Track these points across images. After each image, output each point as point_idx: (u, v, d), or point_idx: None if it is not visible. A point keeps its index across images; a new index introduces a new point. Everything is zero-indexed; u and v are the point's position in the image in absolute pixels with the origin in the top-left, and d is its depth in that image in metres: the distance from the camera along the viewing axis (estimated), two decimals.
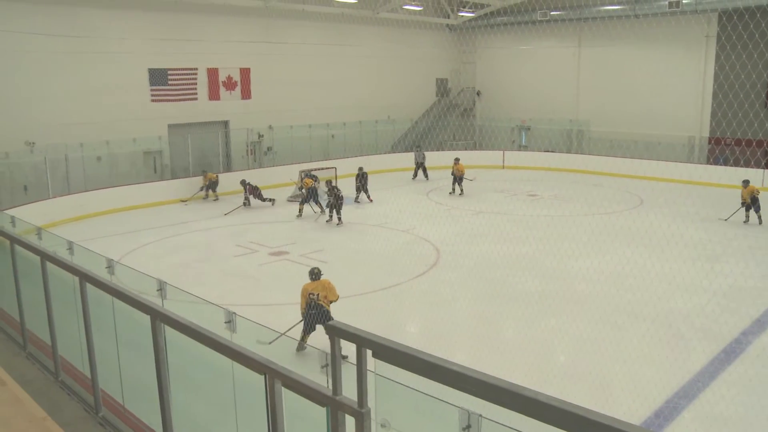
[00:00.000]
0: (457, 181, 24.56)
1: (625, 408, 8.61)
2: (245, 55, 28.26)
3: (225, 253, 17.08)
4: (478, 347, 10.87)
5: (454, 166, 24.71)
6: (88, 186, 22.76)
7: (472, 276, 14.90)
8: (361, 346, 2.89)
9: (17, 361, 6.51)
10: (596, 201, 22.63)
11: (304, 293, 10.19)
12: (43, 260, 6.06)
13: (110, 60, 23.99)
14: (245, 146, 28.54)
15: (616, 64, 31.36)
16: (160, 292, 8.38)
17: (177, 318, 4.10)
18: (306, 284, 10.28)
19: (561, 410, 2.26)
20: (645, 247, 15.91)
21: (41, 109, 22.21)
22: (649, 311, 12.20)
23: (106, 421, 5.37)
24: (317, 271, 10.47)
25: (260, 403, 3.54)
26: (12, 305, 7.25)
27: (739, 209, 19.36)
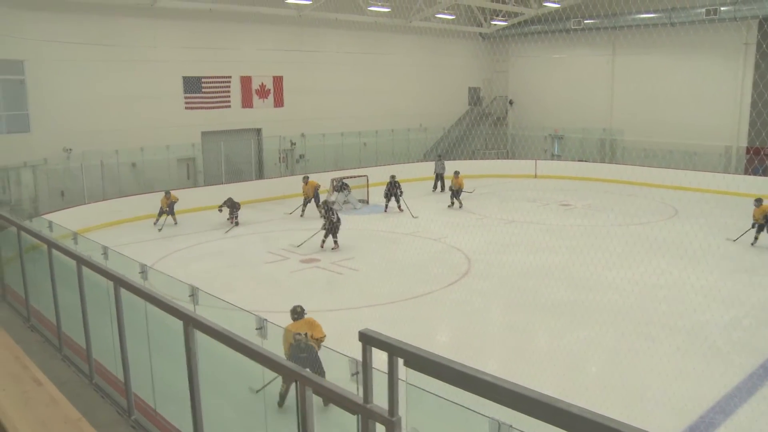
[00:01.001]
0: (455, 194, 24.03)
1: (659, 422, 8.47)
2: (278, 63, 28.48)
3: (256, 260, 17.18)
4: (509, 357, 10.79)
5: (453, 180, 24.14)
6: (122, 192, 23.10)
7: (504, 285, 14.79)
8: (393, 355, 2.88)
9: (53, 363, 6.61)
10: (630, 211, 22.35)
11: (287, 336, 8.45)
12: (79, 264, 6.15)
13: (145, 68, 24.36)
14: (277, 154, 28.73)
15: (651, 73, 30.96)
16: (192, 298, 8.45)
17: (209, 324, 4.13)
18: (288, 325, 8.80)
19: (594, 422, 2.23)
20: (680, 259, 15.66)
21: (78, 117, 22.62)
22: (684, 323, 11.99)
23: (139, 424, 5.42)
24: (300, 309, 9.22)
25: (290, 409, 3.54)
26: (49, 308, 7.37)
27: (749, 230, 18.06)
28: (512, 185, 29.23)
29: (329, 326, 11.84)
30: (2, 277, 8.83)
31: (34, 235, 7.59)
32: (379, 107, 32.14)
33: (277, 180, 27.15)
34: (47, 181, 21.58)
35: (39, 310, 7.96)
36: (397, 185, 23.31)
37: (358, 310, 13.23)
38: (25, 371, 5.75)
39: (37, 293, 7.97)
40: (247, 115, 27.74)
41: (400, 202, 23.19)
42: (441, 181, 27.83)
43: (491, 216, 22.32)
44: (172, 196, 21.84)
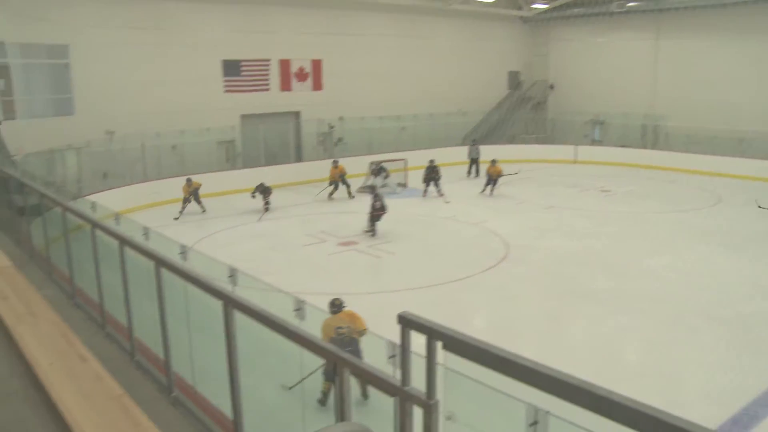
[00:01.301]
0: (492, 182, 23.27)
1: (700, 413, 8.33)
2: (317, 47, 28.50)
3: (294, 242, 17.31)
4: (545, 343, 10.71)
5: (490, 167, 23.44)
6: (162, 174, 23.41)
7: (542, 271, 14.67)
8: (431, 338, 2.87)
9: (97, 340, 6.75)
10: (672, 198, 21.97)
11: (328, 330, 8.36)
12: (122, 244, 6.25)
13: (185, 51, 24.59)
14: (316, 137, 28.82)
15: (697, 57, 30.21)
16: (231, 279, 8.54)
17: (248, 304, 4.17)
18: (327, 319, 8.59)
19: (634, 410, 2.19)
20: (724, 247, 15.35)
21: (120, 100, 22.96)
22: (726, 313, 11.77)
23: (178, 401, 5.51)
24: (339, 302, 8.88)
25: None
26: (92, 287, 7.52)
27: None
28: (551, 170, 28.91)
29: (367, 309, 11.88)
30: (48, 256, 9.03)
31: (78, 216, 7.73)
32: (418, 91, 31.99)
33: (316, 163, 27.24)
34: (90, 163, 21.98)
35: (83, 288, 8.13)
36: (436, 170, 23.19)
37: (396, 293, 13.27)
38: (71, 347, 5.89)
39: (81, 272, 8.13)
40: (285, 99, 27.85)
41: (439, 186, 23.10)
42: (476, 165, 27.61)
43: (530, 201, 22.13)
44: (194, 183, 20.88)
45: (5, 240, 10.47)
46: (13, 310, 6.74)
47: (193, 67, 24.82)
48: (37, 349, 5.73)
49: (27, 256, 9.73)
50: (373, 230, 17.82)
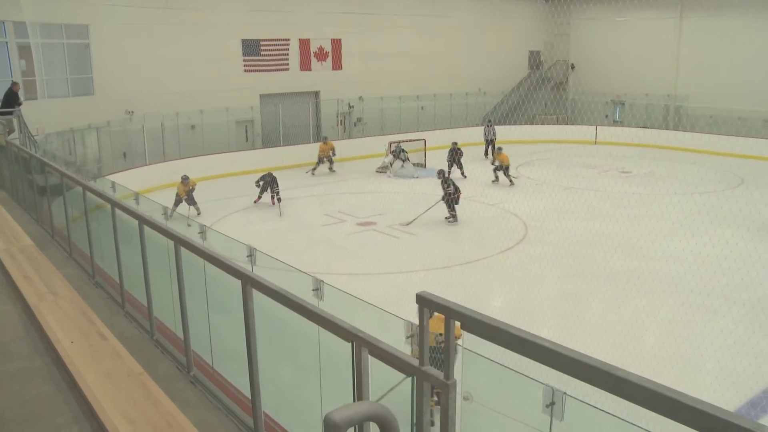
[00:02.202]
0: (503, 170, 22.10)
1: (718, 395, 8.29)
2: (337, 26, 28.38)
3: (313, 222, 17.35)
4: (563, 324, 10.68)
5: (496, 156, 22.41)
6: (182, 154, 23.52)
7: (560, 252, 14.60)
8: (450, 318, 2.87)
9: (117, 319, 6.81)
10: (693, 180, 21.71)
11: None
12: (141, 224, 6.28)
13: (205, 31, 24.58)
14: (335, 117, 28.77)
15: (721, 36, 29.67)
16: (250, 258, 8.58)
17: (267, 283, 4.18)
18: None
19: (652, 392, 2.17)
20: (746, 230, 15.17)
21: (140, 80, 23.02)
22: (747, 296, 11.66)
23: (197, 380, 5.56)
24: None
25: (344, 369, 3.57)
26: (112, 266, 7.58)
27: None
28: (571, 151, 28.69)
29: (385, 289, 11.95)
30: (69, 235, 9.12)
31: (98, 195, 7.78)
32: (438, 71, 31.79)
33: (335, 143, 27.23)
34: (110, 142, 22.12)
35: (103, 268, 8.20)
36: (459, 152, 22.99)
37: (414, 273, 13.28)
38: (92, 326, 5.96)
39: (101, 251, 8.20)
40: (305, 78, 27.80)
41: (462, 168, 22.86)
42: (492, 146, 27.41)
43: (549, 182, 21.99)
44: (191, 181, 18.50)
45: (27, 219, 10.58)
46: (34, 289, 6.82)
47: (212, 46, 24.81)
48: (59, 327, 5.80)
49: (48, 235, 9.84)
50: (454, 215, 17.33)
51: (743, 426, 1.93)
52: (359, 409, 2.45)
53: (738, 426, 1.94)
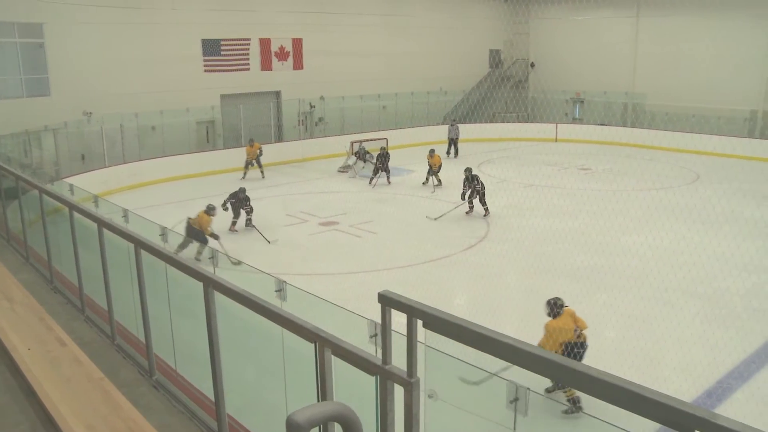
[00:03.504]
0: (433, 173, 21.52)
1: (676, 386, 8.49)
2: (298, 26, 28.25)
3: (276, 223, 17.25)
4: (526, 321, 10.79)
5: (429, 158, 21.68)
6: (142, 155, 23.21)
7: (522, 249, 14.76)
8: (412, 317, 2.88)
9: (76, 324, 6.71)
10: (651, 176, 22.11)
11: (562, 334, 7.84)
12: (100, 227, 6.20)
13: (164, 31, 24.26)
14: (297, 117, 28.66)
15: (676, 35, 30.27)
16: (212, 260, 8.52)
17: (229, 285, 4.16)
18: (551, 322, 8.02)
19: (611, 385, 2.22)
20: (701, 224, 15.51)
21: (98, 80, 22.63)
22: (703, 289, 11.93)
23: (160, 384, 5.50)
24: (560, 302, 8.19)
25: (308, 370, 3.57)
26: (71, 270, 7.46)
27: None
28: (532, 149, 29.00)
29: (348, 289, 11.96)
30: (25, 239, 8.94)
31: (55, 198, 7.65)
32: (399, 70, 31.86)
33: (297, 143, 27.14)
34: (68, 144, 21.70)
35: (61, 272, 8.07)
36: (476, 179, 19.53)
37: (377, 272, 13.30)
38: (50, 332, 5.86)
39: (59, 255, 8.07)
40: (266, 78, 27.62)
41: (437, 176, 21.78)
42: (454, 146, 27.59)
43: (510, 180, 22.20)
44: (256, 145, 22.73)
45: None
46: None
47: (172, 46, 24.50)
48: (15, 334, 5.69)
49: (3, 240, 9.64)
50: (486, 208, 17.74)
51: (698, 415, 1.99)
52: (322, 409, 2.45)
53: (693, 415, 2.00)
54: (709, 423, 1.96)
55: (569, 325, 7.95)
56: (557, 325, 7.92)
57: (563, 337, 7.83)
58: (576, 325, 7.97)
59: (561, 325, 7.92)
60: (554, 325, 7.93)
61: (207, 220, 14.21)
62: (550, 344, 7.80)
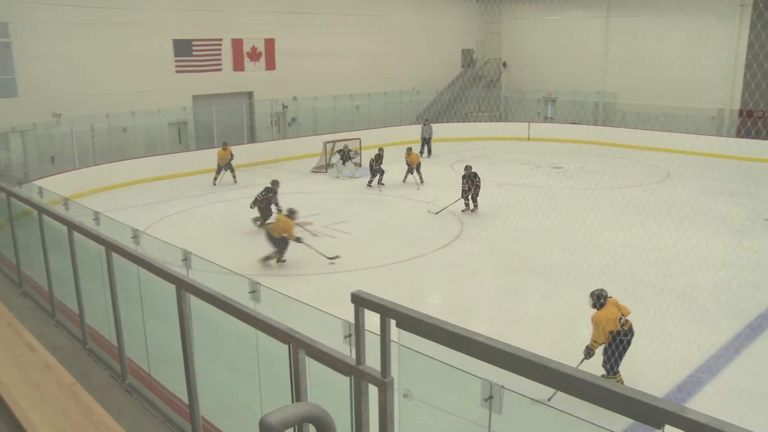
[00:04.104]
0: (412, 170, 21.66)
1: (648, 382, 8.60)
2: (270, 26, 28.12)
3: (249, 224, 17.15)
4: (500, 319, 10.87)
5: (407, 156, 21.73)
6: (114, 157, 22.94)
7: (496, 248, 14.85)
8: (385, 316, 2.89)
9: (46, 328, 6.62)
10: (622, 174, 22.37)
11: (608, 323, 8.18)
12: (70, 230, 6.12)
13: (135, 31, 24.00)
14: (269, 117, 28.53)
15: (646, 35, 30.67)
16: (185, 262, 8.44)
17: (202, 287, 4.13)
18: (597, 313, 8.33)
19: (584, 381, 2.25)
20: (671, 221, 15.73)
21: (67, 81, 22.33)
22: (674, 285, 12.10)
23: (133, 388, 5.45)
24: (604, 293, 8.48)
25: (283, 371, 3.56)
26: (41, 274, 7.36)
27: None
28: (505, 148, 29.18)
29: (322, 289, 11.94)
30: None
31: (24, 201, 7.54)
32: (372, 70, 31.86)
33: (270, 143, 27.02)
34: (37, 146, 21.39)
35: (31, 276, 7.95)
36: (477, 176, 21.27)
37: (351, 273, 13.29)
38: (18, 337, 5.77)
39: (28, 259, 7.96)
40: (238, 79, 27.47)
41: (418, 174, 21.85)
42: (428, 145, 27.64)
43: (483, 179, 22.27)
44: (228, 149, 22.16)
45: None
46: None
47: (143, 46, 24.25)
48: None
49: None
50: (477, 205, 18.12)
51: (668, 410, 2.02)
52: (295, 410, 2.45)
53: (663, 410, 2.04)
54: (678, 417, 2.00)
55: (614, 314, 8.29)
56: (603, 315, 8.25)
57: (610, 326, 8.19)
58: (621, 313, 8.31)
59: (607, 315, 8.25)
60: (600, 316, 8.26)
61: (291, 225, 13.90)
62: (598, 335, 8.25)
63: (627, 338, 8.29)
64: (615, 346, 8.27)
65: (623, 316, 8.31)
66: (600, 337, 8.24)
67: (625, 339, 8.27)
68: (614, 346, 8.28)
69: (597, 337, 8.26)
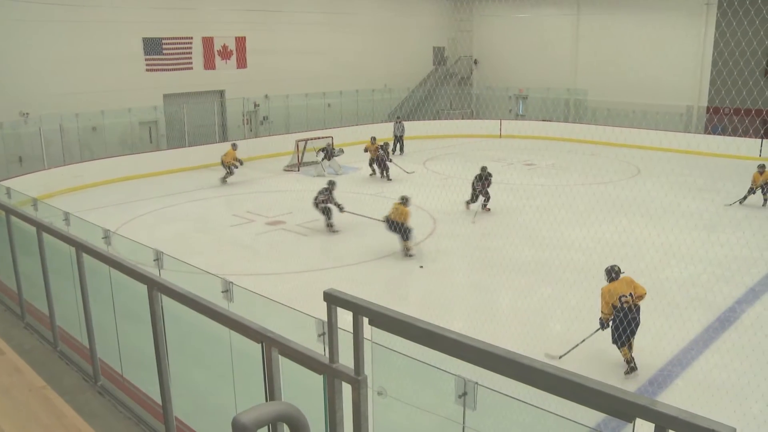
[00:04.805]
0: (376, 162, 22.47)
1: (619, 376, 8.71)
2: (241, 24, 27.96)
3: (221, 223, 17.07)
4: (474, 316, 10.94)
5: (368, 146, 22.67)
6: (83, 157, 22.68)
7: (469, 245, 14.93)
8: (357, 314, 2.90)
9: (16, 331, 6.54)
10: (593, 170, 22.60)
11: (610, 297, 8.78)
12: (39, 231, 6.05)
13: (104, 29, 23.72)
14: (241, 116, 28.38)
15: (615, 33, 31.06)
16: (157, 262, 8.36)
17: (174, 287, 4.12)
18: (609, 286, 8.91)
19: (557, 377, 2.28)
20: (641, 217, 15.92)
21: (35, 79, 22.01)
22: (644, 280, 12.15)
23: (105, 389, 5.41)
24: (618, 268, 9.09)
25: (257, 371, 3.56)
26: (9, 276, 7.26)
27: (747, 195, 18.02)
28: (477, 145, 29.33)
29: (296, 288, 11.92)
30: None
31: None
32: (344, 68, 31.80)
33: (241, 142, 26.80)
34: (3, 146, 21.05)
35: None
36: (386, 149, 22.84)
37: (324, 271, 13.29)
38: None
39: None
40: (209, 77, 27.28)
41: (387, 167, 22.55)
42: (400, 143, 27.66)
43: (456, 176, 22.36)
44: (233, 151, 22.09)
45: None
46: None
47: (112, 44, 23.97)
48: None
49: None
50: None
51: (638, 403, 2.06)
52: (268, 409, 2.45)
53: (634, 404, 2.07)
54: (648, 410, 2.04)
55: (618, 290, 8.76)
56: (606, 289, 8.85)
57: (612, 300, 8.69)
58: (629, 291, 8.75)
59: (609, 289, 8.79)
60: (604, 290, 8.88)
61: (408, 211, 14.24)
62: (603, 306, 8.89)
63: (629, 316, 8.66)
64: (620, 321, 8.69)
65: (625, 295, 8.71)
66: (604, 308, 8.84)
67: (629, 316, 8.66)
68: (618, 321, 8.72)
69: (602, 308, 8.88)
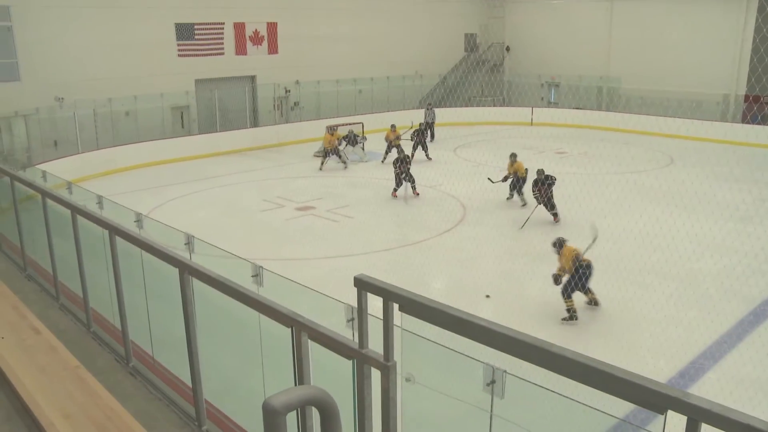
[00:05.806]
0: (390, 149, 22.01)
1: (651, 367, 8.61)
2: (272, 9, 27.99)
3: (252, 208, 17.18)
4: (502, 304, 10.89)
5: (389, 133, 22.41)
6: (116, 141, 22.94)
7: (498, 233, 14.84)
8: (388, 300, 2.89)
9: (51, 311, 6.65)
10: (626, 159, 22.29)
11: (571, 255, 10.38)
12: (74, 214, 6.13)
13: (137, 15, 23.92)
14: (272, 101, 28.46)
15: (650, 19, 30.48)
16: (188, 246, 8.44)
17: (205, 271, 4.14)
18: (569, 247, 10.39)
19: (587, 366, 2.25)
20: (675, 207, 15.68)
21: (70, 65, 22.28)
22: (677, 271, 12.08)
23: (136, 371, 5.48)
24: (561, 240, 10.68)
25: (286, 355, 3.57)
26: (45, 258, 7.38)
27: None
28: (508, 133, 29.09)
29: (325, 273, 11.96)
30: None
31: (28, 185, 7.55)
32: (375, 54, 31.71)
33: (272, 128, 26.98)
34: (40, 130, 21.39)
35: (35, 260, 7.98)
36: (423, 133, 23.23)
37: (354, 257, 13.30)
38: (23, 320, 5.79)
39: (32, 243, 7.97)
40: (240, 63, 27.39)
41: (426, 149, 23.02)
42: (430, 129, 27.52)
43: (486, 163, 22.25)
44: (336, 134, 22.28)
45: None
46: None
47: (145, 30, 24.16)
48: None
49: None
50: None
51: (671, 395, 2.02)
52: (298, 393, 2.46)
53: (666, 395, 2.04)
54: (681, 402, 2.00)
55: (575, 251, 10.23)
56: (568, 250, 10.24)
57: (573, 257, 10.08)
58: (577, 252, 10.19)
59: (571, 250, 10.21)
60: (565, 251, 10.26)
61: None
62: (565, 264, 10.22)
63: (587, 272, 10.11)
64: (578, 277, 10.01)
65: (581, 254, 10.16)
66: (566, 264, 10.16)
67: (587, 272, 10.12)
68: (577, 277, 10.01)
69: (564, 265, 10.23)
